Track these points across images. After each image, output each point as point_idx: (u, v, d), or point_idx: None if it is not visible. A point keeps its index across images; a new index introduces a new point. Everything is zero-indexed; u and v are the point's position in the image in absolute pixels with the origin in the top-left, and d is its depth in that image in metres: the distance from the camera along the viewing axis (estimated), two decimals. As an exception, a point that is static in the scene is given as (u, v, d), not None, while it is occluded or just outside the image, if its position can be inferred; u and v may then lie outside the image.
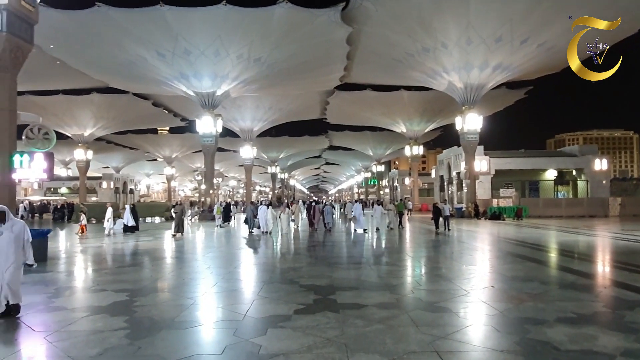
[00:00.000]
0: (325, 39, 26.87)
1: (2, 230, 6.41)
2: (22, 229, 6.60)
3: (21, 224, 6.66)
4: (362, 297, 7.68)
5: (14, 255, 6.45)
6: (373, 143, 64.39)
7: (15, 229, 6.52)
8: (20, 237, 6.54)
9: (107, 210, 21.71)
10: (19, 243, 6.52)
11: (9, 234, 6.43)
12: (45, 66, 27.76)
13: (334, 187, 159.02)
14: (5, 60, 12.05)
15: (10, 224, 6.50)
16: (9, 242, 6.42)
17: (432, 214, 21.64)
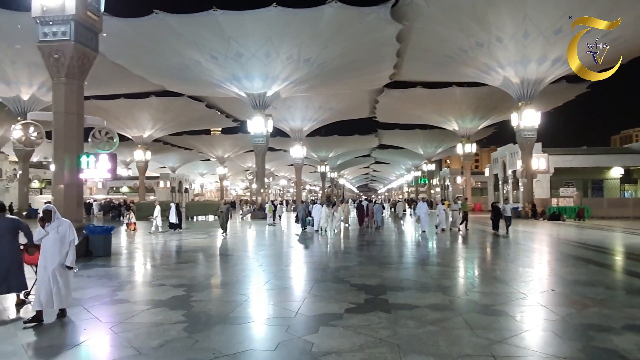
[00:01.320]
0: (375, 37, 26.65)
1: (48, 230, 6.25)
2: (68, 229, 6.39)
3: (67, 224, 6.43)
4: (414, 297, 7.58)
5: (59, 256, 6.25)
6: (423, 141, 63.21)
7: (61, 229, 6.31)
8: (64, 237, 6.32)
9: (155, 209, 22.54)
10: (64, 243, 6.32)
11: (54, 234, 6.26)
12: (108, 72, 29.33)
13: (383, 186, 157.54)
14: (73, 68, 12.85)
15: (57, 224, 6.32)
16: (54, 242, 6.24)
17: (490, 215, 20.45)
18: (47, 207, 6.41)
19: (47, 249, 6.22)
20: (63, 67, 12.74)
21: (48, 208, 6.39)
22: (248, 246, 17.17)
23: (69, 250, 6.33)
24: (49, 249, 6.21)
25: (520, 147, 33.12)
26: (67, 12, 12.43)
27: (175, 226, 22.62)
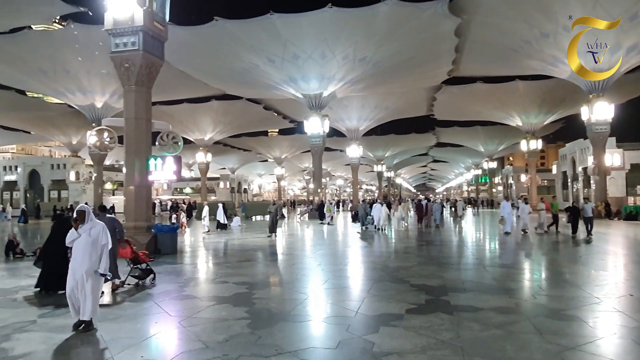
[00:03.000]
0: (432, 32, 26.06)
1: (80, 232, 5.84)
2: (100, 232, 5.95)
3: (100, 227, 6.00)
4: (478, 299, 7.34)
5: (89, 261, 5.79)
6: (484, 138, 60.96)
7: (93, 232, 5.89)
8: (97, 241, 5.88)
9: (204, 209, 23.14)
10: (96, 248, 5.87)
11: (86, 237, 5.84)
12: (172, 78, 30.75)
13: (441, 185, 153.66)
14: (142, 76, 13.63)
15: (89, 226, 5.90)
16: (85, 245, 5.81)
17: (568, 215, 18.49)
18: (81, 208, 6.03)
19: (76, 252, 5.84)
20: (133, 75, 13.53)
21: (82, 209, 6.01)
22: (306, 245, 17.37)
23: (101, 255, 5.90)
24: (78, 252, 5.82)
25: (592, 143, 31.11)
26: (136, 23, 13.21)
27: (223, 226, 23.19)
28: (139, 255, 9.11)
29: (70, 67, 30.92)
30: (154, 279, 9.08)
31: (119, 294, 8.17)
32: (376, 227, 21.44)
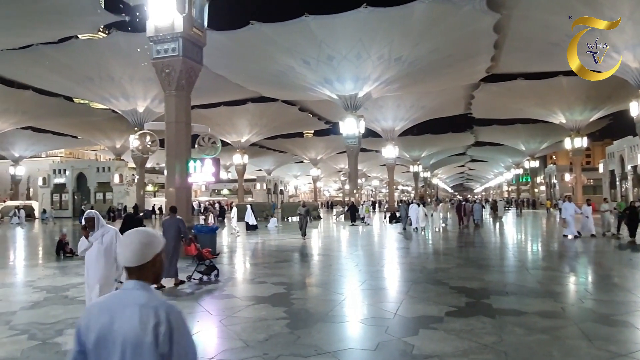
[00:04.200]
0: (470, 29, 25.46)
1: (92, 240, 5.43)
2: (113, 239, 5.49)
3: (112, 233, 5.53)
4: (521, 303, 7.13)
5: (103, 270, 5.38)
6: (525, 137, 59.04)
7: (105, 239, 5.45)
8: (111, 248, 5.44)
9: (232, 210, 23.23)
10: (110, 256, 5.41)
11: (98, 245, 5.41)
12: (210, 82, 31.44)
13: (480, 186, 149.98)
14: (182, 81, 14.01)
15: (101, 233, 5.47)
16: (98, 254, 5.39)
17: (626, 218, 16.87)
18: (89, 214, 5.54)
19: (89, 262, 5.44)
20: (173, 80, 13.92)
21: (90, 215, 5.53)
22: (343, 246, 17.36)
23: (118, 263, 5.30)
24: (91, 262, 5.41)
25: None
26: (176, 30, 13.59)
27: (253, 227, 23.33)
28: (203, 252, 9.80)
29: (114, 74, 32.18)
30: (217, 275, 9.75)
31: (179, 290, 8.48)
32: (414, 228, 21.41)
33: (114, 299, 1.78)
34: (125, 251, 1.80)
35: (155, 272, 1.84)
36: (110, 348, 1.65)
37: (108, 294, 2.00)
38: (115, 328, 1.66)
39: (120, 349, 1.64)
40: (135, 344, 1.62)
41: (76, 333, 1.74)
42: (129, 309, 1.68)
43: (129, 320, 1.66)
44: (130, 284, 1.78)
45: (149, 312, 1.67)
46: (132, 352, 1.62)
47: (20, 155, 55.54)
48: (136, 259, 1.78)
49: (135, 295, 1.73)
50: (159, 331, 1.64)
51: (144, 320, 1.65)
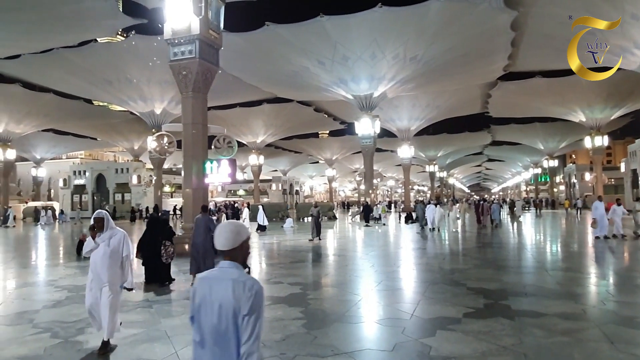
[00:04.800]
0: (487, 27, 25.18)
1: (98, 242, 5.19)
2: (120, 241, 5.29)
3: (120, 235, 5.32)
4: (540, 304, 7.02)
5: (108, 274, 5.15)
6: (544, 136, 58.13)
7: (113, 241, 5.23)
8: (118, 251, 5.25)
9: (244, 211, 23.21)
10: (116, 259, 5.22)
11: (104, 247, 5.17)
12: (226, 84, 31.69)
13: (497, 185, 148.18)
14: (198, 82, 14.15)
15: (109, 235, 5.24)
16: (103, 257, 5.16)
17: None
18: (98, 214, 5.32)
19: (94, 264, 5.20)
20: (190, 82, 14.08)
21: (100, 215, 5.31)
22: (358, 247, 17.32)
23: (123, 267, 5.31)
24: (96, 264, 5.18)
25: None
26: (193, 32, 13.74)
27: (263, 228, 23.37)
28: None
29: (132, 77, 32.66)
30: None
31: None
32: (431, 228, 21.34)
33: (213, 273, 2.36)
34: (220, 238, 2.36)
35: (242, 255, 2.40)
36: (209, 309, 2.25)
37: (206, 271, 2.47)
38: (213, 295, 2.26)
39: (217, 310, 2.22)
40: (227, 307, 2.20)
41: (190, 299, 2.37)
42: (224, 282, 2.26)
43: (224, 290, 2.24)
44: (225, 264, 2.34)
45: (239, 284, 2.23)
46: (225, 313, 2.21)
47: (42, 157, 56.78)
48: (228, 244, 2.34)
49: (229, 272, 2.30)
50: (245, 299, 2.19)
51: (235, 291, 2.22)
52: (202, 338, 2.27)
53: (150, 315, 6.99)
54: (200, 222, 9.98)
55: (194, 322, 2.32)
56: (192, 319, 2.34)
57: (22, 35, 24.89)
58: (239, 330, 2.18)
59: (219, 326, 2.21)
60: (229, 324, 2.19)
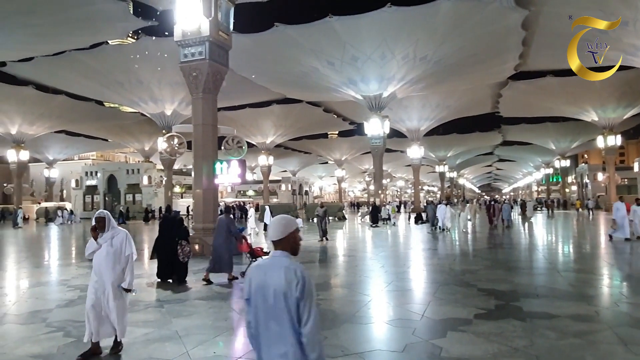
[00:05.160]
0: (497, 26, 25.01)
1: (101, 242, 5.10)
2: (123, 241, 5.18)
3: (122, 235, 5.20)
4: (552, 306, 6.95)
5: (112, 275, 5.09)
6: (555, 135, 57.56)
7: (115, 241, 5.14)
8: (121, 251, 5.15)
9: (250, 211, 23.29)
10: (119, 259, 5.14)
11: (107, 247, 5.10)
12: (235, 85, 31.83)
13: (508, 186, 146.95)
14: (208, 84, 14.23)
15: (111, 235, 5.14)
16: (107, 257, 5.08)
17: None
18: (100, 214, 5.21)
19: (98, 265, 5.14)
20: (200, 83, 14.17)
21: (101, 215, 5.20)
22: (368, 247, 17.28)
23: (125, 267, 5.20)
24: (100, 265, 5.11)
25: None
26: (203, 33, 13.83)
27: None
28: (254, 249, 10.28)
29: (143, 78, 32.94)
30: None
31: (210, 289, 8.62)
32: (441, 228, 21.28)
33: (267, 261, 2.67)
34: (271, 230, 2.69)
35: (291, 245, 2.69)
36: (265, 293, 2.55)
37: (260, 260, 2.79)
38: (267, 281, 2.55)
39: (272, 293, 2.52)
40: (280, 291, 2.50)
41: (245, 284, 2.67)
42: (277, 269, 2.55)
43: (277, 276, 2.53)
44: (277, 253, 2.64)
45: (290, 271, 2.53)
46: (278, 296, 2.50)
47: (54, 158, 57.49)
48: (278, 234, 2.65)
49: (281, 260, 2.60)
50: (296, 283, 2.49)
51: (287, 277, 2.51)
52: (258, 317, 2.59)
53: (161, 314, 7.05)
54: (222, 223, 10.25)
55: (250, 304, 2.63)
56: (248, 301, 2.65)
57: (36, 38, 25.23)
58: (291, 311, 2.49)
59: (274, 306, 2.51)
60: (282, 305, 2.50)
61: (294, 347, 2.48)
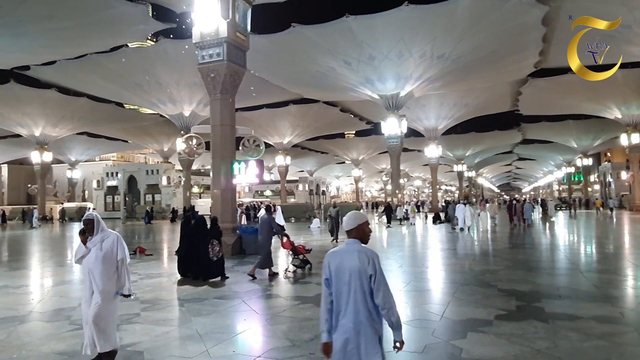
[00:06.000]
0: (517, 23, 24.62)
1: (90, 246, 4.70)
2: (114, 244, 4.75)
3: (113, 238, 4.79)
4: (575, 307, 6.82)
5: (102, 280, 4.60)
6: (577, 133, 56.41)
7: (105, 245, 4.71)
8: (111, 255, 4.71)
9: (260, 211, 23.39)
10: (109, 264, 4.68)
11: (96, 251, 4.67)
12: (252, 85, 32.03)
13: (528, 185, 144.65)
14: (226, 84, 14.34)
15: (100, 238, 4.72)
16: (96, 262, 4.64)
17: None
18: (88, 216, 4.83)
19: (87, 271, 4.69)
20: (218, 84, 14.29)
21: (90, 217, 4.82)
22: (386, 247, 17.19)
23: (121, 272, 4.77)
24: (89, 271, 4.66)
25: None
26: (220, 35, 13.95)
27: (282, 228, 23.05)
28: (297, 247, 10.90)
29: (161, 80, 33.40)
30: (310, 268, 10.72)
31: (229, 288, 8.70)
32: (461, 228, 21.15)
33: (342, 248, 3.20)
34: (345, 221, 3.21)
35: (360, 234, 3.19)
36: (342, 274, 3.08)
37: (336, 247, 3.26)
38: (344, 263, 3.09)
39: (348, 274, 3.06)
40: (356, 270, 3.05)
41: (324, 267, 3.18)
42: (351, 253, 3.11)
43: (352, 259, 3.08)
44: (350, 241, 3.17)
45: (362, 254, 3.08)
46: (354, 275, 3.05)
47: (77, 159, 58.68)
48: (350, 225, 3.18)
49: (353, 246, 3.14)
50: (368, 263, 3.05)
51: (360, 258, 3.06)
52: (338, 292, 3.10)
53: (181, 313, 7.14)
54: (264, 221, 10.75)
55: (329, 282, 3.14)
56: (327, 280, 3.15)
57: (58, 42, 25.80)
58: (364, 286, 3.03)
59: (349, 283, 3.05)
60: (357, 282, 3.04)
61: (366, 316, 3.04)
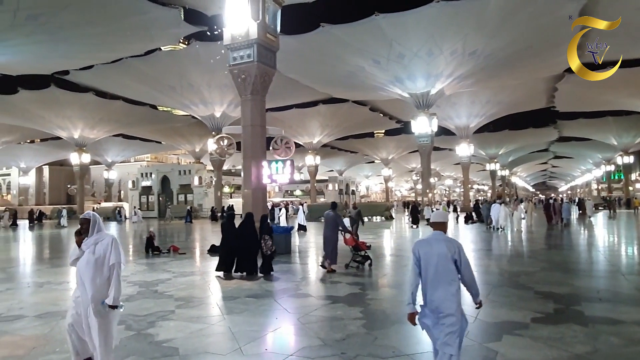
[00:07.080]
0: (552, 17, 23.87)
1: (84, 248, 4.31)
2: (108, 247, 4.30)
3: (107, 240, 4.33)
4: (617, 311, 6.57)
5: (92, 286, 4.19)
6: (617, 130, 54.25)
7: (99, 248, 4.29)
8: (104, 260, 4.27)
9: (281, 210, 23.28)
10: (101, 270, 4.26)
11: (89, 254, 4.27)
12: (282, 86, 32.25)
13: (565, 184, 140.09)
14: (257, 85, 14.50)
15: (94, 240, 4.33)
16: (87, 266, 4.24)
17: None
18: (85, 215, 4.46)
19: (79, 275, 4.29)
20: (249, 85, 14.46)
21: (87, 216, 4.43)
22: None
23: (113, 278, 4.27)
24: (82, 275, 4.26)
25: None
26: (251, 36, 14.11)
27: (303, 227, 23.01)
28: (359, 244, 11.20)
29: (193, 82, 34.09)
30: (370, 264, 11.05)
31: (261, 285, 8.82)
32: (495, 228, 20.81)
33: (430, 237, 3.85)
34: (434, 217, 3.97)
35: (444, 228, 3.91)
36: (430, 258, 3.72)
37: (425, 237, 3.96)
38: (433, 250, 3.74)
39: (436, 259, 3.70)
40: (443, 255, 3.70)
41: (414, 252, 3.83)
42: (439, 242, 3.78)
43: (440, 246, 3.74)
44: (437, 232, 3.85)
45: (449, 242, 3.78)
46: (442, 259, 3.70)
47: (113, 161, 60.62)
48: (439, 219, 3.94)
49: (440, 236, 3.82)
50: (455, 251, 3.71)
51: (447, 246, 3.73)
52: (426, 274, 3.73)
53: (214, 311, 7.26)
54: (330, 218, 11.08)
55: (419, 266, 3.77)
56: (417, 264, 3.77)
57: (95, 47, 26.71)
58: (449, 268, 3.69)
59: (437, 265, 3.69)
60: (444, 265, 3.69)
61: (452, 292, 3.71)
